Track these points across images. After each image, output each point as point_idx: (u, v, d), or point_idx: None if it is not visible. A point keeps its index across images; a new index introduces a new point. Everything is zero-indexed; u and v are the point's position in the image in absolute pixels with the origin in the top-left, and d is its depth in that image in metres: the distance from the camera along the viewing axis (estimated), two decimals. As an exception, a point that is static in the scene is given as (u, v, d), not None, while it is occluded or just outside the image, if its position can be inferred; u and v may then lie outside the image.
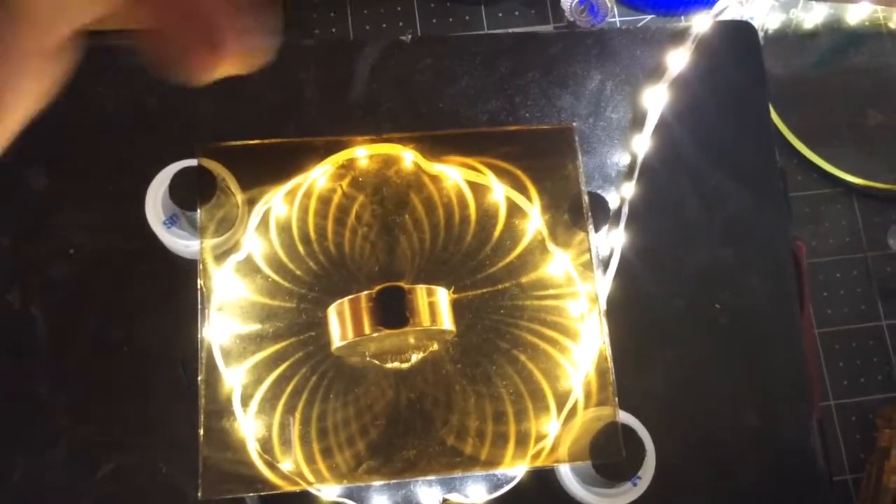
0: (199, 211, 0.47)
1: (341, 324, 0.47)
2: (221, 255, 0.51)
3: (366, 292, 0.46)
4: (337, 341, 0.47)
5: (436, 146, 0.53)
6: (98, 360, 0.51)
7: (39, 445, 0.50)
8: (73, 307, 0.52)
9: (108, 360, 0.51)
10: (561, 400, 0.50)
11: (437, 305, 0.47)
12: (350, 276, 0.50)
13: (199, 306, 0.47)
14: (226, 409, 0.47)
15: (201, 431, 0.44)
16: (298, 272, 0.50)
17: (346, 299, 0.47)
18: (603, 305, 0.49)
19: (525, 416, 0.49)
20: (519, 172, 0.53)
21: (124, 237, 0.53)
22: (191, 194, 0.47)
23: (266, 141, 0.50)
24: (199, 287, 0.47)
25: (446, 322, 0.48)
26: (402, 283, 0.47)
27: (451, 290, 0.50)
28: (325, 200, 0.52)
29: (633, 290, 0.54)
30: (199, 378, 0.45)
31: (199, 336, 0.47)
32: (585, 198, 0.49)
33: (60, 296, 0.52)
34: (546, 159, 0.52)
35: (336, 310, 0.47)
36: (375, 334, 0.46)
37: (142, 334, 0.52)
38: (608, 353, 0.48)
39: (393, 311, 0.46)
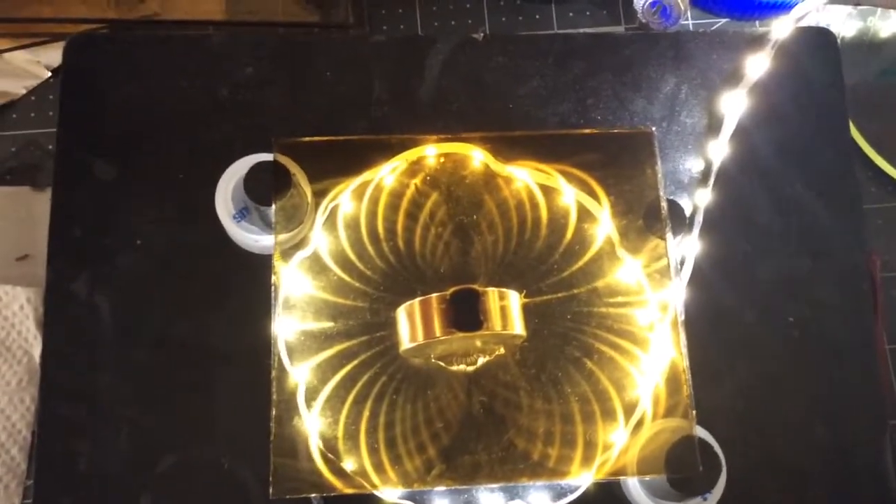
0: (273, 206, 0.46)
1: (411, 325, 0.47)
2: (288, 252, 0.50)
3: (437, 294, 0.46)
4: (406, 342, 0.47)
5: (507, 147, 0.52)
6: (162, 352, 0.51)
7: (102, 436, 0.50)
8: (139, 299, 0.52)
9: (171, 353, 0.51)
10: (629, 410, 0.49)
11: (508, 309, 0.47)
12: (419, 275, 0.50)
13: (273, 301, 0.47)
14: (292, 408, 0.47)
15: (272, 430, 0.44)
16: (366, 270, 0.50)
17: (416, 300, 0.46)
18: (681, 314, 0.48)
19: (593, 425, 0.48)
20: (591, 177, 0.52)
21: (191, 230, 0.53)
22: (265, 189, 0.47)
23: (341, 137, 0.49)
24: (272, 282, 0.47)
25: (518, 326, 0.47)
26: (475, 286, 0.46)
27: (523, 294, 0.49)
28: (395, 198, 0.51)
29: (704, 301, 0.53)
30: (272, 375, 0.45)
31: (272, 332, 0.46)
32: (664, 203, 0.48)
33: (126, 287, 0.52)
34: (620, 164, 0.52)
35: (406, 311, 0.47)
36: (446, 337, 0.45)
37: (206, 328, 0.52)
38: (685, 362, 0.46)
39: (466, 313, 0.45)
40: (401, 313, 0.47)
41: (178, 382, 0.51)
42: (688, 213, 0.53)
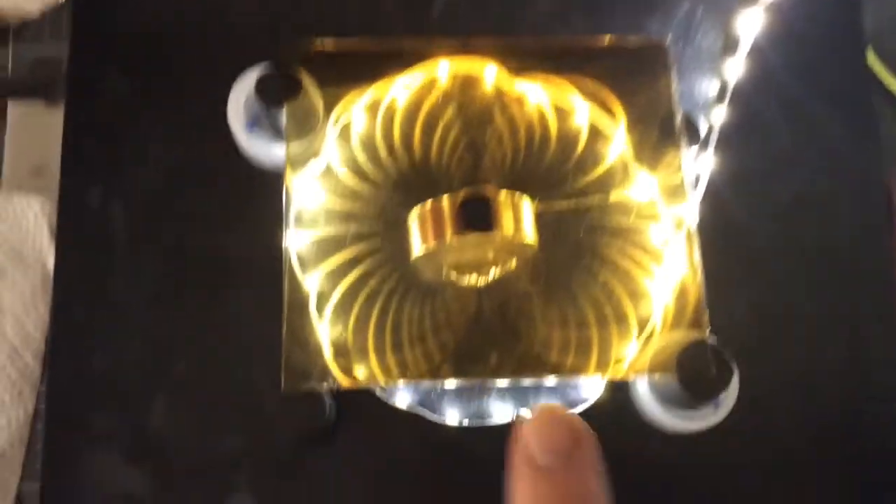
0: (283, 109, 0.46)
1: (422, 229, 0.46)
2: (300, 162, 0.50)
3: (449, 195, 0.45)
4: (417, 248, 0.47)
5: (519, 58, 0.51)
6: (175, 261, 0.52)
7: (115, 341, 0.50)
8: (152, 210, 0.53)
9: (185, 262, 0.52)
10: (643, 322, 0.49)
11: (521, 213, 0.46)
12: (432, 184, 0.49)
13: (284, 208, 0.47)
14: (304, 312, 0.47)
15: (284, 330, 0.44)
16: (378, 178, 0.50)
17: (427, 203, 0.46)
18: (694, 226, 0.47)
19: (606, 335, 0.48)
20: (605, 87, 0.51)
21: (204, 144, 0.53)
22: (276, 92, 0.46)
23: (350, 41, 0.49)
24: (283, 188, 0.47)
25: (529, 232, 0.47)
26: (488, 190, 0.46)
27: (535, 202, 0.48)
28: (409, 108, 0.51)
29: (718, 217, 0.52)
30: (284, 281, 0.45)
31: (283, 239, 0.46)
32: (678, 114, 0.48)
33: (139, 198, 0.52)
34: (634, 77, 0.51)
35: (418, 214, 0.47)
36: (458, 238, 0.45)
37: (219, 238, 0.52)
38: (699, 269, 0.46)
39: (478, 214, 0.45)
40: (412, 218, 0.47)
41: (192, 290, 0.51)
42: (703, 130, 0.53)
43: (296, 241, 0.48)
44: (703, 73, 0.55)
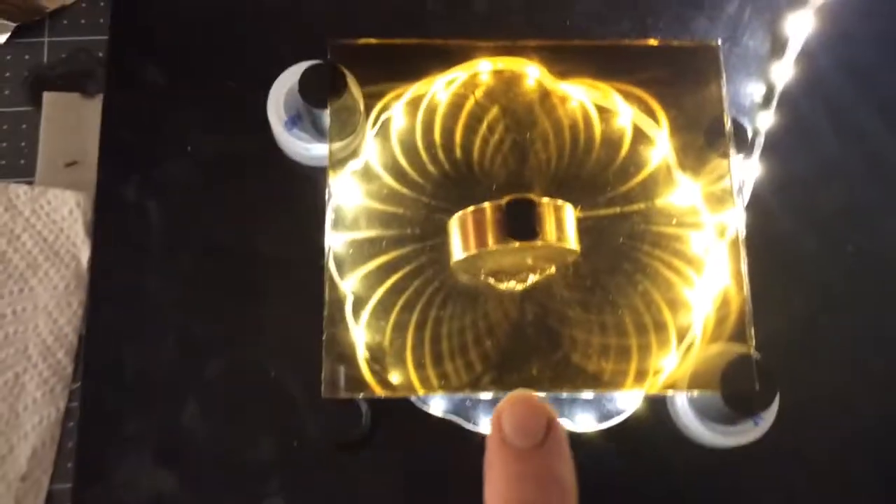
0: (327, 109, 0.46)
1: (463, 235, 0.45)
2: (340, 161, 0.49)
3: (491, 202, 0.44)
4: (458, 253, 0.46)
5: (562, 60, 0.50)
6: (210, 258, 0.51)
7: (149, 340, 0.49)
8: (188, 205, 0.52)
9: (220, 260, 0.51)
10: (683, 331, 0.48)
11: (563, 222, 0.45)
12: (473, 187, 0.49)
13: (327, 209, 0.46)
14: (341, 317, 0.46)
15: (324, 337, 0.43)
16: (419, 179, 0.49)
17: (469, 209, 0.45)
18: (741, 230, 0.46)
19: (646, 344, 0.47)
20: (650, 94, 0.50)
21: (242, 138, 0.53)
22: (320, 91, 0.46)
23: (396, 41, 0.48)
24: (327, 190, 0.46)
25: (572, 240, 0.46)
26: (530, 196, 0.45)
27: (577, 209, 0.47)
28: (450, 109, 0.50)
29: (763, 225, 0.51)
30: (325, 278, 0.44)
31: (325, 241, 0.46)
32: (728, 120, 0.46)
33: (176, 193, 0.52)
34: (682, 80, 0.50)
35: (459, 220, 0.46)
36: (500, 247, 0.44)
37: (255, 236, 0.51)
38: (746, 285, 0.45)
39: (521, 222, 0.44)
40: (453, 223, 0.46)
41: (226, 288, 0.51)
42: (749, 135, 0.51)
43: (335, 242, 0.47)
44: (751, 77, 0.54)
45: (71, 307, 0.52)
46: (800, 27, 0.53)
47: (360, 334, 0.46)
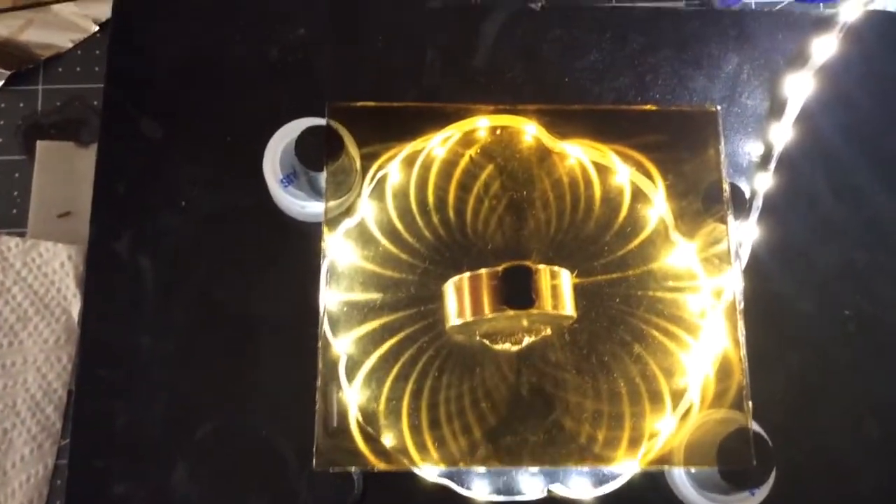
0: (323, 171, 0.45)
1: (459, 300, 0.45)
2: (335, 219, 0.49)
3: (488, 269, 0.44)
4: (453, 318, 0.46)
5: (561, 121, 0.50)
6: (203, 316, 0.51)
7: (140, 398, 0.49)
8: (182, 260, 0.51)
9: (213, 317, 0.51)
10: (678, 396, 0.48)
11: (560, 288, 0.46)
12: (468, 249, 0.49)
13: (322, 270, 0.46)
14: (335, 382, 0.46)
15: (317, 402, 0.43)
16: (414, 241, 0.49)
17: (465, 275, 0.45)
18: (739, 301, 0.46)
19: (640, 410, 0.47)
20: (647, 157, 0.50)
21: (237, 193, 0.52)
22: (317, 153, 0.45)
23: (394, 104, 0.48)
24: (321, 250, 0.46)
25: (569, 307, 0.46)
26: (527, 263, 0.44)
27: (574, 274, 0.47)
28: (446, 168, 0.50)
29: (759, 288, 0.51)
30: (319, 345, 0.44)
31: (319, 302, 0.45)
32: (727, 185, 0.46)
33: (169, 248, 0.52)
34: (679, 143, 0.50)
35: (454, 285, 0.46)
36: (496, 314, 0.44)
37: (249, 294, 0.51)
38: (742, 351, 0.45)
39: (518, 290, 0.44)
40: (449, 288, 0.46)
41: (219, 347, 0.50)
42: (747, 198, 0.51)
43: (329, 302, 0.47)
44: (749, 137, 0.54)
45: (61, 362, 0.52)
46: (799, 88, 0.53)
47: (353, 398, 0.46)
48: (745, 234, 0.51)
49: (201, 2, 0.56)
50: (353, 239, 0.49)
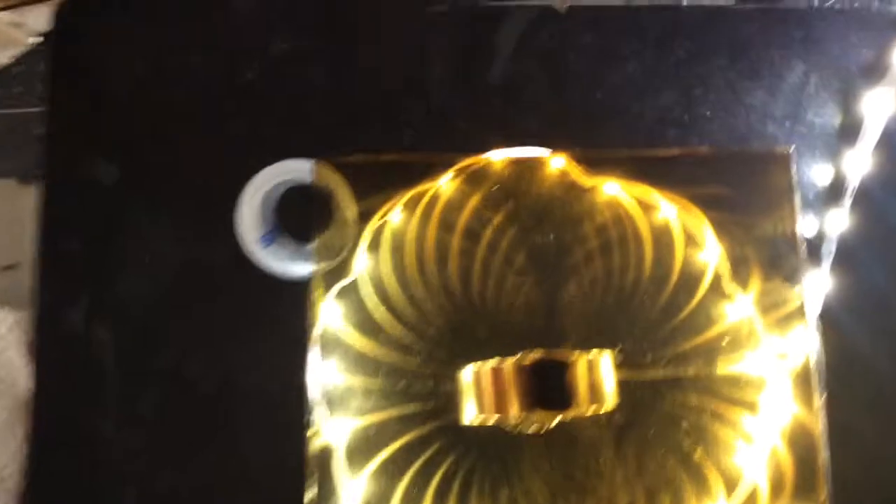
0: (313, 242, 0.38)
1: (479, 395, 0.39)
2: (327, 279, 0.41)
3: (512, 359, 0.37)
4: (471, 415, 0.39)
5: (597, 164, 0.42)
6: (176, 393, 0.44)
7: (104, 493, 0.42)
8: (148, 328, 0.44)
9: (187, 395, 0.44)
10: (733, 484, 0.41)
11: (599, 382, 0.38)
12: (485, 318, 0.41)
13: (307, 348, 0.40)
14: (328, 475, 0.39)
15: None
16: (419, 308, 0.41)
17: (487, 367, 0.38)
18: (821, 374, 0.40)
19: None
20: (704, 208, 0.42)
21: (210, 246, 0.44)
22: (304, 219, 0.38)
23: (394, 156, 0.40)
24: (306, 331, 0.39)
25: (610, 400, 0.38)
26: (561, 355, 0.37)
27: (616, 351, 0.40)
28: (457, 215, 0.42)
29: (839, 350, 0.43)
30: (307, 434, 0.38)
31: (304, 384, 0.40)
32: (803, 247, 0.39)
33: (133, 313, 0.44)
34: (743, 190, 0.43)
35: (473, 376, 0.38)
36: (524, 416, 0.37)
37: (228, 365, 0.44)
38: (819, 417, 0.39)
39: (550, 389, 0.37)
40: (466, 377, 0.39)
41: (194, 431, 0.43)
42: (817, 239, 0.44)
43: (318, 383, 0.40)
44: (817, 162, 0.46)
45: (15, 439, 0.45)
46: (878, 104, 0.45)
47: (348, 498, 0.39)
48: (816, 286, 0.43)
49: (159, 8, 0.47)
50: (347, 303, 0.41)
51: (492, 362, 0.38)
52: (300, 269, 0.42)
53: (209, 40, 0.46)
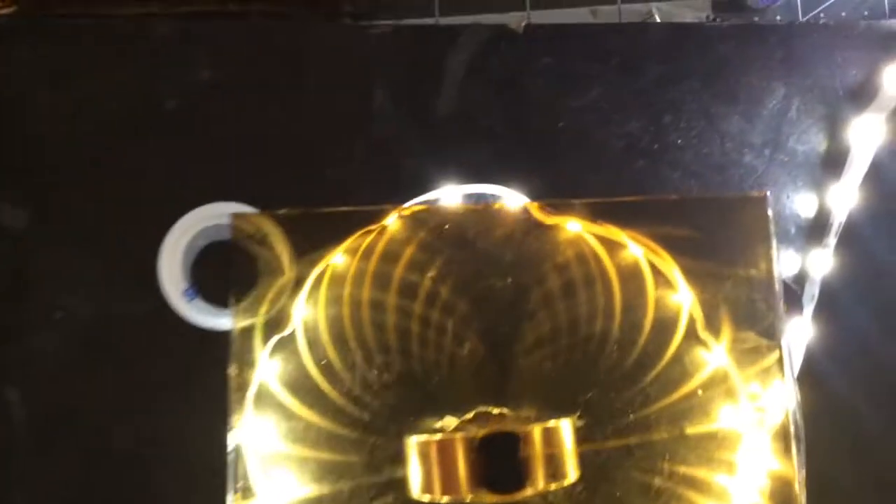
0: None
1: (426, 472, 0.36)
2: (261, 331, 0.38)
3: (461, 435, 0.35)
4: (419, 491, 0.35)
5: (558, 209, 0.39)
6: (95, 464, 0.40)
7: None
8: (62, 391, 0.40)
9: (106, 463, 0.40)
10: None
11: (559, 454, 0.35)
12: (433, 377, 0.37)
13: (229, 412, 0.36)
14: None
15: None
16: (358, 377, 0.37)
17: (433, 440, 0.35)
18: (800, 436, 0.37)
19: None
20: (671, 253, 0.39)
21: (130, 298, 0.41)
22: (224, 286, 0.34)
23: (323, 210, 0.37)
24: (229, 397, 0.35)
25: (571, 473, 0.35)
26: (514, 426, 0.33)
27: (575, 417, 0.36)
28: (396, 269, 0.38)
29: (816, 398, 0.40)
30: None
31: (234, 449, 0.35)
32: (781, 301, 0.35)
33: (44, 375, 0.40)
34: (715, 236, 0.39)
35: (419, 449, 0.35)
36: (475, 497, 0.33)
37: (154, 430, 0.40)
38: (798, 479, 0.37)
39: (503, 469, 0.33)
40: (412, 449, 0.35)
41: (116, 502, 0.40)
42: (798, 282, 0.40)
43: (252, 445, 0.36)
44: (798, 193, 0.42)
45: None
46: (866, 132, 0.41)
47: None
48: (797, 333, 0.40)
49: (71, 35, 0.42)
50: (282, 359, 0.37)
51: (439, 435, 0.34)
52: (229, 322, 0.38)
53: (127, 69, 0.42)
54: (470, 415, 0.37)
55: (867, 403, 0.42)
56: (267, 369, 0.38)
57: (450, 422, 0.37)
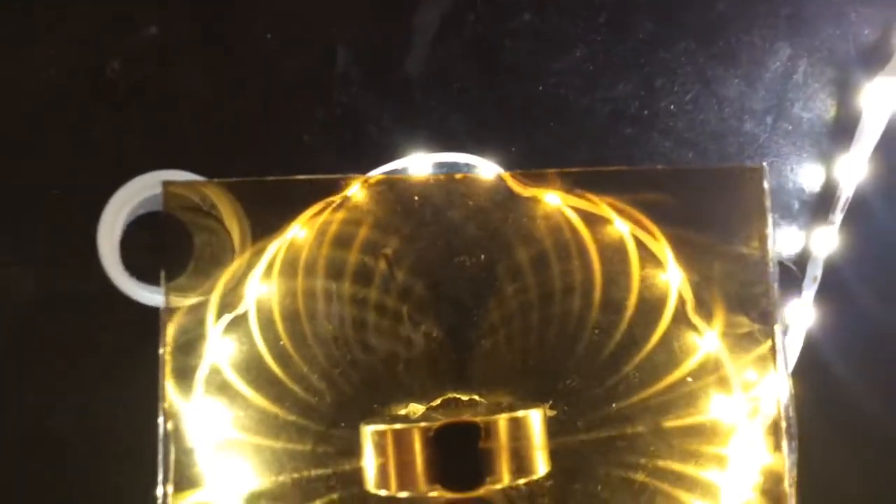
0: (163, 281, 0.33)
1: (381, 464, 0.34)
2: (212, 307, 0.36)
3: (420, 425, 0.33)
4: (374, 485, 0.34)
5: (534, 179, 0.37)
6: (33, 452, 0.39)
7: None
8: (-1, 375, 0.40)
9: (48, 453, 0.39)
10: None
11: (526, 446, 0.33)
12: (391, 361, 0.36)
13: (160, 401, 0.35)
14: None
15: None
16: (314, 345, 0.36)
17: (389, 430, 0.34)
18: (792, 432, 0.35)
19: None
20: (664, 233, 0.37)
21: (69, 274, 0.40)
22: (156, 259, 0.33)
23: (268, 179, 0.34)
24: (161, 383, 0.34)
25: (540, 467, 0.33)
26: (476, 416, 0.31)
27: (547, 407, 0.34)
28: (352, 239, 0.37)
29: (816, 387, 0.39)
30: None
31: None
32: (775, 284, 0.33)
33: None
34: (706, 212, 0.37)
35: (374, 439, 0.33)
36: (431, 494, 0.32)
37: (96, 415, 0.39)
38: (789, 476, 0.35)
39: (460, 465, 0.32)
40: (367, 438, 0.34)
41: (59, 495, 0.39)
42: (798, 263, 0.39)
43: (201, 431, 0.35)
44: (804, 168, 0.40)
45: None
46: (881, 98, 0.39)
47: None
48: (797, 316, 0.38)
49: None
50: (235, 340, 0.36)
51: (395, 425, 0.32)
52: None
53: (64, 31, 0.41)
54: (437, 401, 0.36)
55: (873, 395, 0.41)
56: (213, 351, 0.36)
57: (415, 409, 0.36)
